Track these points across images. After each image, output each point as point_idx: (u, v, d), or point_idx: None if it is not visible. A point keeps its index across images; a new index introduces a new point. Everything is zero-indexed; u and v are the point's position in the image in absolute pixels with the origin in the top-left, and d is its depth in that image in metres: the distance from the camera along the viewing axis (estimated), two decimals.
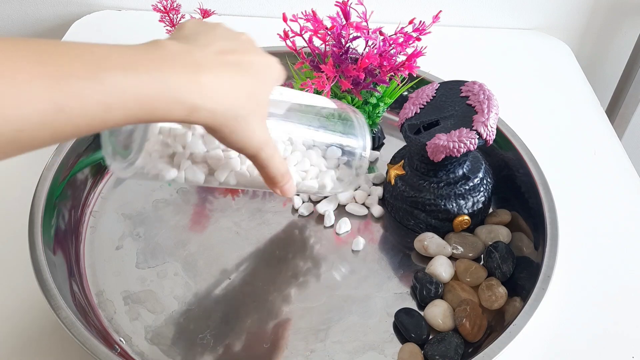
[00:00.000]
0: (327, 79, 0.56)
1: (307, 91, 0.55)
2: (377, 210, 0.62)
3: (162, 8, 0.64)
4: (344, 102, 0.59)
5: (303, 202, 0.62)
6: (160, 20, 0.64)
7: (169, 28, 0.65)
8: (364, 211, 0.62)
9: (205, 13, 0.65)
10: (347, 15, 0.57)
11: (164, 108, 0.35)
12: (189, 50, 0.38)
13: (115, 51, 0.34)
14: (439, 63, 0.71)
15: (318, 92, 0.59)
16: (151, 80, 0.34)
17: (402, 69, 0.58)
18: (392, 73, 0.58)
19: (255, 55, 0.41)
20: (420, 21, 0.58)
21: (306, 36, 0.58)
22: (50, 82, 0.30)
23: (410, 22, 0.58)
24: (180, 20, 0.65)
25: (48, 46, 0.31)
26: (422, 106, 0.57)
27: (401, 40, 0.57)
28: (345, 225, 0.60)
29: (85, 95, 0.31)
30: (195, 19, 0.45)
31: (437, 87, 0.59)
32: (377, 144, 0.69)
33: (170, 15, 0.64)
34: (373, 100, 0.63)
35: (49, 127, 0.31)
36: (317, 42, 0.59)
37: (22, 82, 0.30)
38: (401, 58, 0.58)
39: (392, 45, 0.57)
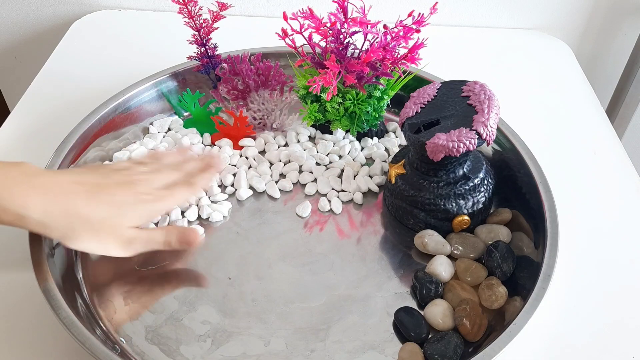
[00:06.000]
0: (332, 75, 0.56)
1: (313, 88, 0.55)
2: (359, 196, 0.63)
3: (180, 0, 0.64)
4: (348, 96, 0.60)
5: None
6: (178, 12, 0.65)
7: (187, 20, 0.65)
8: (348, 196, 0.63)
9: (223, 6, 0.65)
10: (345, 11, 0.57)
11: None
12: (42, 174, 0.47)
13: None
14: (439, 63, 0.71)
15: (324, 89, 0.59)
16: None
17: (404, 61, 0.58)
18: (394, 65, 0.58)
19: (115, 189, 0.49)
20: (419, 13, 0.58)
21: (305, 34, 0.59)
22: None
23: (410, 15, 0.58)
24: (198, 11, 0.65)
25: None
26: (423, 105, 0.57)
27: (401, 33, 0.58)
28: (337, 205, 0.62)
29: None
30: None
31: (438, 87, 0.59)
32: (379, 137, 0.70)
33: (189, 7, 0.65)
34: (377, 94, 0.63)
35: None
36: (316, 38, 0.60)
37: None
38: (402, 51, 0.58)
39: (393, 39, 0.58)
